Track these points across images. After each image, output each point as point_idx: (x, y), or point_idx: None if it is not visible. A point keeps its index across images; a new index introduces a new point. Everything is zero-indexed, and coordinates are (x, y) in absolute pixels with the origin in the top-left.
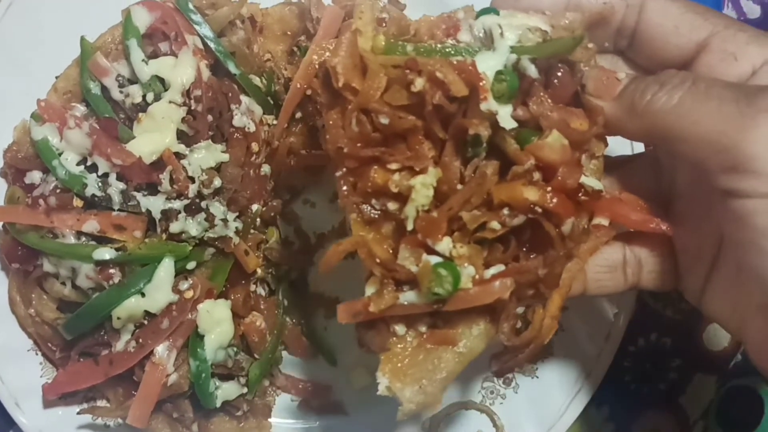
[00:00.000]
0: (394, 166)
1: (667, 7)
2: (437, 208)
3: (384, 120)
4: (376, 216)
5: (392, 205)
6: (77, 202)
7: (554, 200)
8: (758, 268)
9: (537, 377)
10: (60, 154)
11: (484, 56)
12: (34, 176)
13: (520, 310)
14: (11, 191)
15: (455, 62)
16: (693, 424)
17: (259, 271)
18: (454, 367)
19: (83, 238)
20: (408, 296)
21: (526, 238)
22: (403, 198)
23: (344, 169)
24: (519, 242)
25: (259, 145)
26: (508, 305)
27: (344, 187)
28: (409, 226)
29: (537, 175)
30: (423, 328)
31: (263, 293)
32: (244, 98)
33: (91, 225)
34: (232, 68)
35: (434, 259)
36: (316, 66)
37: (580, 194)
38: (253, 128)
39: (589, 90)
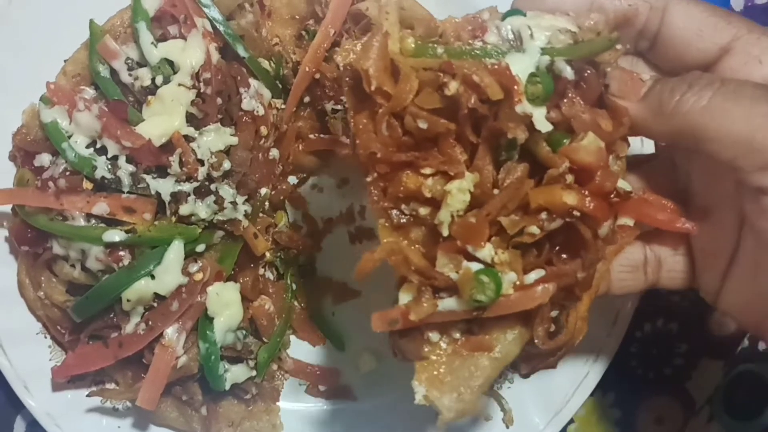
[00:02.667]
0: (427, 171)
1: (690, 11)
2: (471, 213)
3: (422, 124)
4: (405, 221)
5: (423, 210)
6: (87, 185)
7: (592, 204)
8: None
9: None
10: (69, 137)
11: (515, 58)
12: (44, 159)
13: (554, 313)
14: (21, 174)
15: (489, 65)
16: (699, 410)
17: (267, 254)
18: (490, 373)
19: (93, 221)
20: (447, 303)
21: (558, 241)
22: (435, 203)
23: (375, 174)
24: (551, 245)
25: (267, 129)
26: (544, 309)
27: (374, 192)
28: (445, 232)
29: (570, 178)
30: (457, 335)
31: (272, 277)
32: (253, 82)
33: (101, 207)
34: (241, 51)
35: (475, 266)
36: (341, 68)
37: (612, 196)
38: (261, 112)
39: (613, 91)
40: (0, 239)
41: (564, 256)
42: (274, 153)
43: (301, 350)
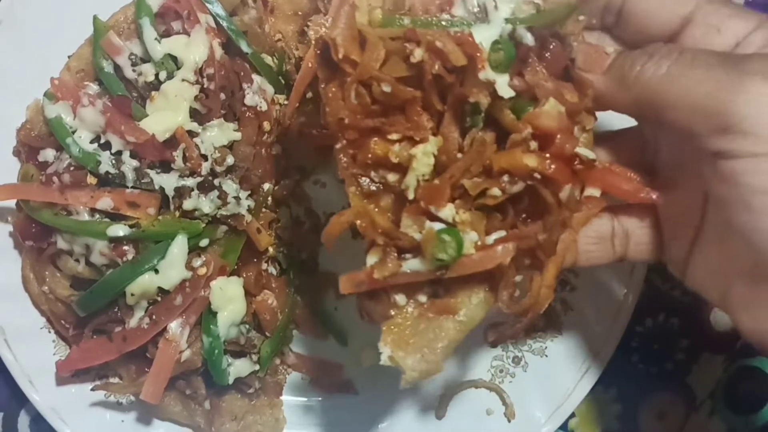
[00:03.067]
0: (394, 136)
1: None
2: (438, 177)
3: (386, 88)
4: (375, 189)
5: (392, 177)
6: (91, 180)
7: (553, 166)
8: (745, 226)
9: (546, 356)
10: (73, 132)
11: (480, 28)
12: (48, 154)
13: (518, 278)
14: (25, 169)
15: (453, 33)
16: (700, 404)
17: (270, 249)
18: (454, 336)
19: (97, 215)
20: (411, 264)
21: (522, 207)
22: (402, 169)
23: (344, 141)
24: (516, 212)
25: (270, 124)
26: (507, 273)
27: (344, 159)
28: (410, 195)
29: (534, 144)
30: (423, 298)
31: (274, 272)
32: (256, 77)
33: (105, 202)
34: (244, 47)
35: (437, 226)
36: (313, 41)
37: (575, 163)
38: (265, 107)
39: (579, 64)
40: (4, 234)
41: (529, 221)
42: (277, 148)
43: (304, 345)
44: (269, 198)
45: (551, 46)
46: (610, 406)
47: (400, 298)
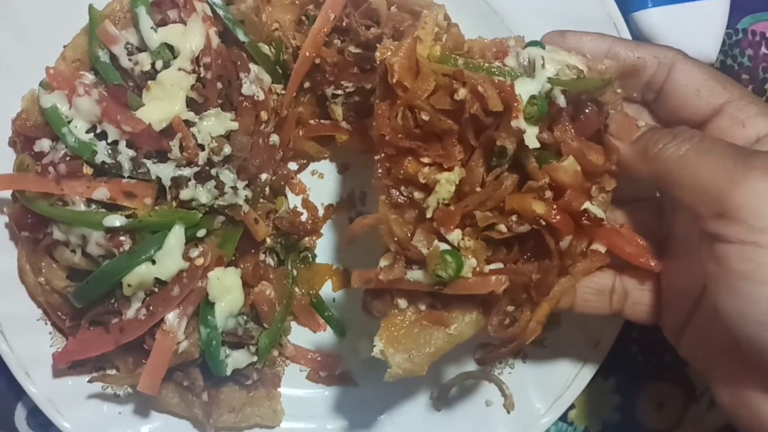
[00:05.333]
0: (426, 160)
1: (693, 71)
2: (455, 203)
3: (425, 117)
4: (402, 202)
5: (418, 195)
6: (87, 170)
7: (557, 217)
8: (727, 308)
9: (545, 347)
10: (69, 122)
11: (524, 81)
12: (44, 144)
13: (510, 308)
14: (20, 159)
15: (497, 81)
16: (699, 396)
17: (268, 240)
18: (442, 346)
19: (93, 206)
20: (415, 274)
21: (528, 247)
22: (428, 190)
23: (383, 155)
24: (521, 251)
25: (268, 114)
26: (501, 301)
27: (379, 170)
28: (428, 215)
29: (549, 194)
30: (422, 307)
31: (272, 263)
32: (253, 66)
33: (102, 192)
34: (240, 36)
35: (443, 246)
36: (378, 62)
37: (583, 218)
38: (262, 96)
39: (611, 130)
40: (0, 225)
41: (532, 260)
42: (275, 138)
43: (302, 336)
44: (267, 188)
45: (587, 110)
46: (609, 396)
47: (402, 302)
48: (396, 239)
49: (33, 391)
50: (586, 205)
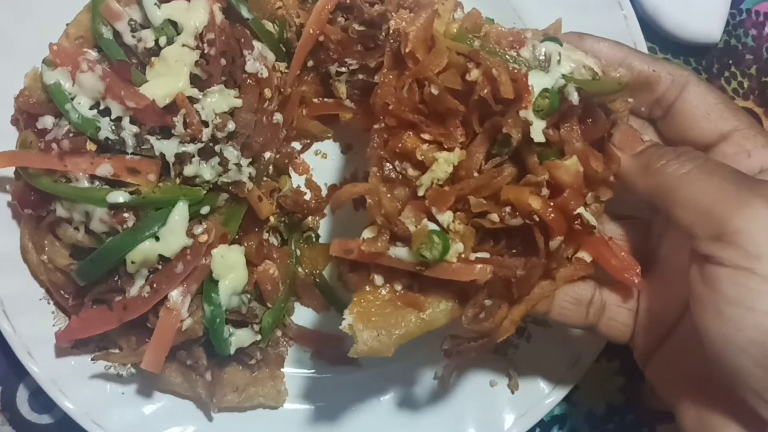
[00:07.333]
0: (426, 136)
1: (706, 94)
2: (450, 186)
3: (434, 91)
4: (394, 177)
5: (412, 172)
6: (90, 146)
7: (552, 215)
8: (711, 331)
9: (549, 326)
10: (72, 99)
11: (537, 74)
12: (47, 121)
13: (488, 302)
14: (24, 136)
15: (511, 68)
16: None
17: (272, 219)
18: (413, 329)
19: (97, 182)
20: (398, 251)
21: (515, 242)
22: (423, 167)
23: (382, 124)
24: (508, 245)
25: (271, 92)
26: (479, 293)
27: (376, 140)
28: (420, 193)
29: (545, 191)
30: (399, 287)
31: (276, 242)
32: (256, 44)
33: (105, 168)
34: (244, 12)
35: (432, 226)
36: (390, 32)
37: (576, 222)
38: (265, 74)
39: (615, 140)
40: (2, 204)
41: (516, 256)
42: (278, 117)
43: (306, 317)
44: (270, 167)
45: (596, 115)
46: (613, 378)
47: (378, 278)
48: (383, 212)
49: (35, 371)
50: (581, 210)
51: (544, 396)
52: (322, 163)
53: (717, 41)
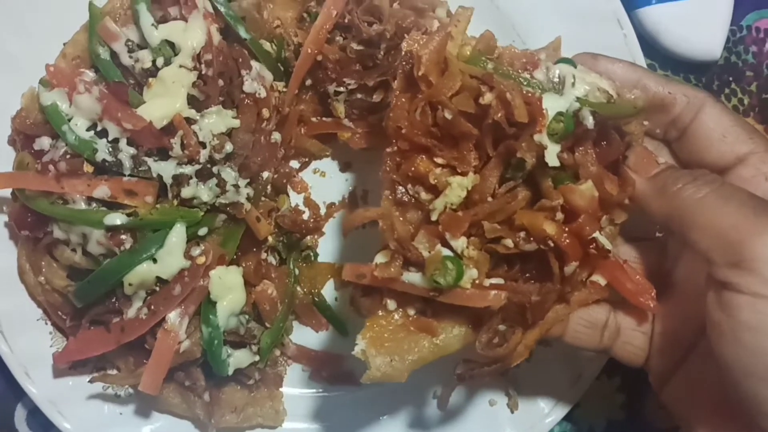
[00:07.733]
0: (439, 160)
1: (722, 116)
2: (463, 211)
3: (448, 115)
4: (407, 200)
5: (424, 195)
6: (87, 168)
7: (567, 240)
8: (728, 358)
9: (550, 345)
10: (69, 120)
11: (551, 97)
12: (43, 142)
13: (501, 328)
14: (20, 157)
15: (525, 92)
16: None
17: (270, 239)
18: (426, 355)
19: (94, 204)
20: (411, 277)
21: (530, 267)
22: (436, 191)
23: (395, 148)
24: (522, 270)
25: (269, 112)
26: (493, 319)
27: (388, 163)
28: (434, 217)
29: (560, 216)
30: (412, 312)
31: (274, 262)
32: (254, 64)
33: (102, 190)
34: (242, 33)
35: (446, 251)
36: (403, 53)
37: (591, 247)
38: (263, 94)
39: (630, 163)
40: (0, 225)
41: (531, 281)
42: (276, 136)
43: (304, 336)
44: (268, 186)
45: (611, 138)
46: (614, 395)
47: (391, 303)
48: (396, 237)
49: (33, 392)
50: (596, 234)
51: (544, 415)
52: (320, 181)
53: (717, 58)
